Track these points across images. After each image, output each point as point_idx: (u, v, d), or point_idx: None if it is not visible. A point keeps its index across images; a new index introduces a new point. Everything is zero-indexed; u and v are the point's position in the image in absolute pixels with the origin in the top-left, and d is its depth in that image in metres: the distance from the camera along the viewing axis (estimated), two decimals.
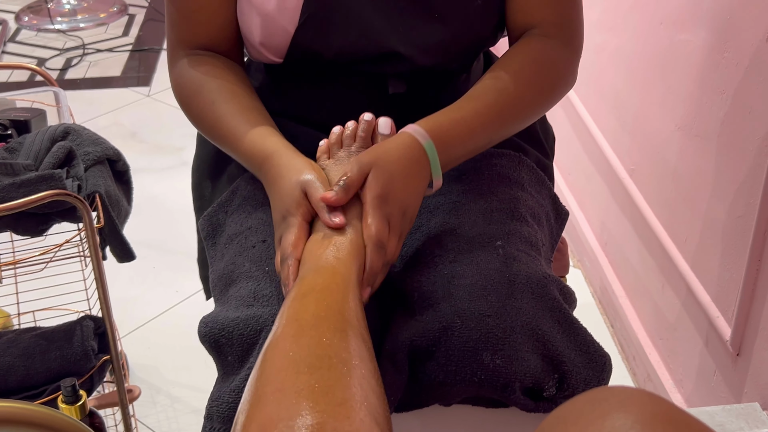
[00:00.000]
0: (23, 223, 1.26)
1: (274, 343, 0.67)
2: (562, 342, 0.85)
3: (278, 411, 0.58)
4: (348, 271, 0.76)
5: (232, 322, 0.84)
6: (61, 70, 3.24)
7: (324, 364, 0.63)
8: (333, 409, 0.58)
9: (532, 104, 0.97)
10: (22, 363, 1.30)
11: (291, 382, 0.61)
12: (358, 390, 0.62)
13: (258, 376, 0.64)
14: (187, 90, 1.00)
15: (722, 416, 1.20)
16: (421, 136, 0.88)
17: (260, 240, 0.92)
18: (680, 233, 1.52)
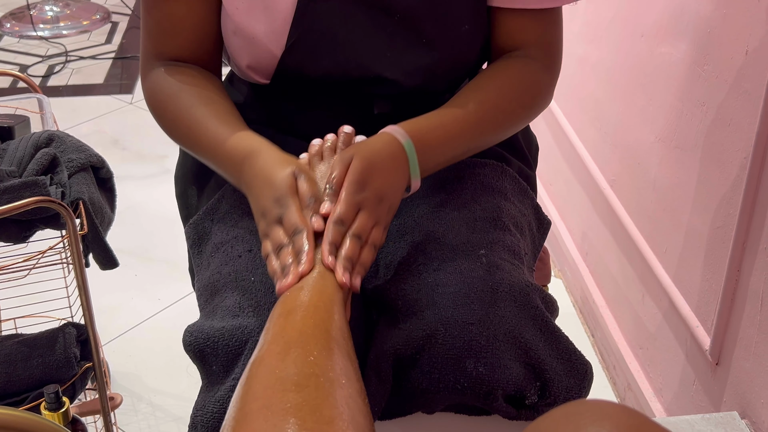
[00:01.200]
0: (6, 230, 1.26)
1: (259, 360, 0.67)
2: (544, 350, 0.86)
3: (264, 428, 0.58)
4: (334, 288, 0.76)
5: (217, 332, 0.84)
6: (44, 77, 3.22)
7: (311, 382, 0.63)
8: (320, 427, 0.58)
9: (511, 119, 0.98)
10: (3, 370, 1.30)
11: (278, 399, 0.61)
12: (345, 409, 0.62)
13: (244, 393, 0.64)
14: (163, 95, 0.98)
15: (701, 425, 1.22)
16: (401, 135, 0.88)
17: (246, 250, 0.92)
18: (660, 244, 1.54)
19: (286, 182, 0.83)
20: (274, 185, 0.83)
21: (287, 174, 0.84)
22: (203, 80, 0.99)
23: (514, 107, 0.98)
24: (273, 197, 0.83)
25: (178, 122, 0.96)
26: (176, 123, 0.97)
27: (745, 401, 1.26)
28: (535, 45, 1.00)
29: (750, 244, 1.22)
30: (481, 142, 0.97)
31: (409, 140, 0.88)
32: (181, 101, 0.96)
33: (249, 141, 0.90)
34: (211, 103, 0.96)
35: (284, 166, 0.85)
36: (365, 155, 0.85)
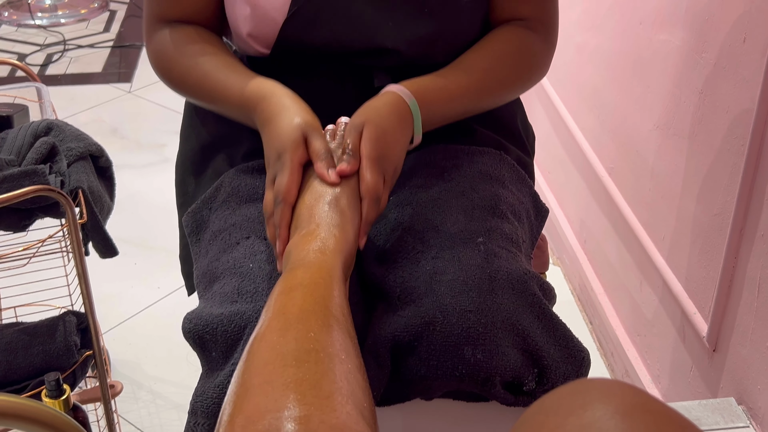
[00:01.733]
0: (6, 219, 1.26)
1: (260, 336, 0.67)
2: (541, 337, 0.87)
3: (265, 403, 0.58)
4: (334, 265, 0.77)
5: (216, 318, 0.85)
6: (42, 65, 3.22)
7: (311, 357, 0.63)
8: (320, 401, 0.59)
9: (510, 86, 1.04)
10: (4, 358, 1.30)
11: (278, 374, 0.61)
12: (344, 384, 0.62)
13: (245, 369, 0.64)
14: (170, 53, 1.02)
15: (698, 411, 1.22)
16: (406, 95, 0.93)
17: (244, 237, 0.93)
18: (658, 231, 1.54)
19: (291, 136, 0.86)
20: (281, 135, 0.87)
21: (294, 126, 0.87)
22: (208, 37, 1.03)
23: (513, 74, 1.02)
24: (276, 149, 0.87)
25: (188, 75, 1.00)
26: (185, 77, 1.00)
27: (742, 387, 1.26)
28: (533, 18, 1.04)
29: (747, 230, 1.22)
30: (479, 105, 1.02)
31: (414, 100, 0.93)
32: (189, 56, 1.00)
33: (264, 85, 0.94)
34: (218, 54, 1.00)
35: (294, 114, 0.88)
36: (377, 122, 0.88)
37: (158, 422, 1.70)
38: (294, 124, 0.87)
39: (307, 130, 0.87)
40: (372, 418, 0.63)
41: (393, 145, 0.89)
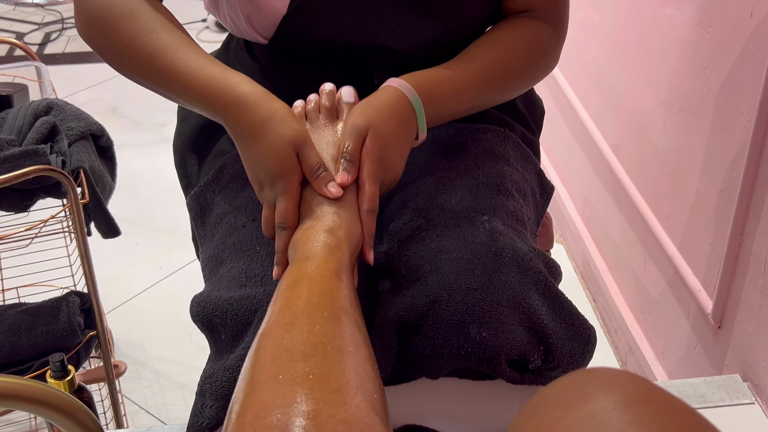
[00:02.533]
0: (7, 199, 1.26)
1: (267, 332, 0.67)
2: (547, 315, 0.86)
3: (273, 398, 0.58)
4: (340, 256, 0.76)
5: (225, 302, 0.84)
6: (40, 44, 3.20)
7: (318, 351, 0.63)
8: (328, 395, 0.58)
9: (518, 78, 0.99)
10: (8, 339, 1.30)
11: (285, 369, 0.61)
12: (353, 376, 0.62)
13: (252, 365, 0.64)
14: (113, 15, 0.87)
15: (703, 388, 1.22)
16: (408, 91, 0.88)
17: (250, 219, 0.92)
18: (663, 208, 1.53)
19: (285, 159, 0.81)
20: (273, 158, 0.81)
21: (285, 145, 0.81)
22: (159, 5, 0.91)
23: (522, 66, 0.98)
24: (270, 173, 0.82)
25: (136, 47, 0.86)
26: (133, 48, 0.86)
27: (747, 364, 1.26)
28: (543, 8, 1.00)
29: (753, 207, 1.22)
30: (487, 99, 0.97)
31: (416, 95, 0.88)
32: (139, 24, 0.86)
33: (232, 80, 0.84)
34: (176, 29, 0.88)
35: (283, 129, 0.81)
36: (380, 129, 0.84)
37: (162, 401, 1.71)
38: (285, 139, 0.81)
39: (299, 143, 0.82)
40: (383, 409, 0.63)
41: (394, 151, 0.85)
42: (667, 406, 0.45)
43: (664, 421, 0.44)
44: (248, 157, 0.84)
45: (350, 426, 0.56)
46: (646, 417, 0.44)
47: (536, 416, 0.48)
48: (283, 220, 0.81)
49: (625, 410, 0.45)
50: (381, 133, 0.85)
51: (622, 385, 0.47)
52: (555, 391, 0.49)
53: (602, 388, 0.47)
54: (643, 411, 0.44)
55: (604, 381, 0.47)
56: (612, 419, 0.44)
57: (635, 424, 0.44)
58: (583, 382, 0.48)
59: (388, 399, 0.88)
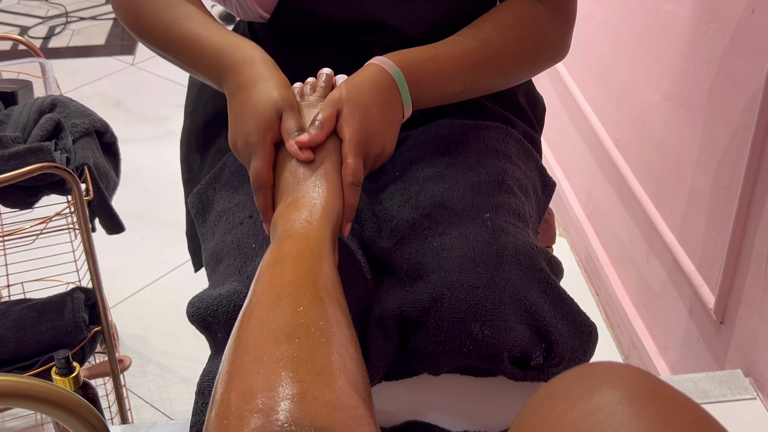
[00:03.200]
0: (12, 196, 1.26)
1: (249, 312, 0.66)
2: (549, 312, 0.87)
3: (257, 381, 0.58)
4: (322, 235, 0.75)
5: (215, 300, 0.85)
6: (44, 38, 3.20)
7: (302, 333, 0.63)
8: (312, 378, 0.58)
9: (514, 61, 0.96)
10: (13, 335, 1.31)
11: (269, 351, 0.61)
12: (336, 358, 0.62)
13: (235, 346, 0.63)
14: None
15: (705, 383, 1.23)
16: (388, 66, 0.87)
17: (247, 216, 0.92)
18: (665, 203, 1.54)
19: (263, 116, 0.82)
20: (254, 113, 0.82)
21: (270, 103, 0.82)
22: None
23: (517, 50, 0.95)
24: (248, 125, 0.82)
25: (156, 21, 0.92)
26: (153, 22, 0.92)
27: (749, 359, 1.27)
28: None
29: (755, 203, 1.22)
30: (480, 82, 0.95)
31: (397, 69, 0.87)
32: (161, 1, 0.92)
33: (239, 45, 0.87)
34: (193, 4, 0.93)
35: (272, 88, 0.83)
36: (358, 101, 0.84)
37: (167, 396, 1.72)
38: (270, 100, 0.82)
39: (282, 106, 0.83)
40: (365, 390, 0.63)
41: (378, 125, 0.84)
42: (672, 400, 0.46)
43: (670, 415, 0.44)
44: (233, 112, 0.85)
45: (334, 408, 0.57)
46: (651, 411, 0.44)
47: (542, 409, 0.48)
48: (256, 179, 0.81)
49: (631, 404, 0.45)
50: (358, 104, 0.84)
51: (628, 380, 0.47)
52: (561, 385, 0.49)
53: (608, 382, 0.47)
54: (648, 405, 0.45)
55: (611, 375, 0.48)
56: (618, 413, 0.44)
57: (641, 419, 0.44)
58: (589, 375, 0.48)
59: (390, 395, 0.89)
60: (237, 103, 0.85)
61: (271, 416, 0.55)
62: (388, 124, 0.86)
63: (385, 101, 0.86)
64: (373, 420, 0.60)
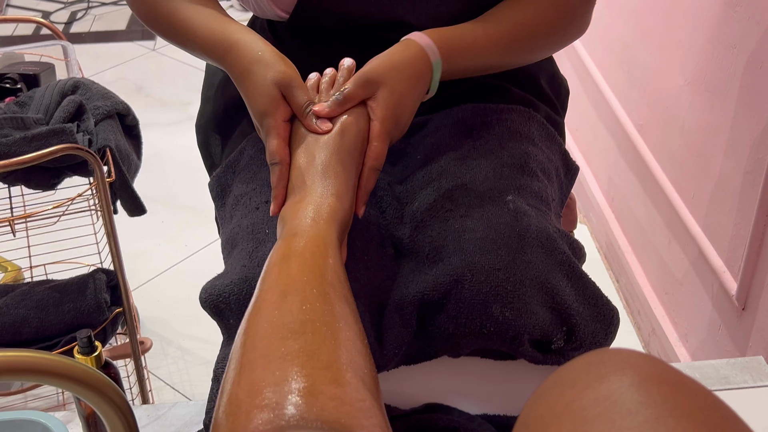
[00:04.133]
0: (35, 177, 1.27)
1: (256, 310, 0.67)
2: (570, 296, 0.86)
3: (264, 376, 0.58)
4: (328, 231, 0.75)
5: (227, 287, 0.85)
6: (66, 23, 3.22)
7: (308, 328, 0.63)
8: (319, 372, 0.59)
9: (543, 42, 0.98)
10: (36, 315, 1.32)
11: (276, 347, 0.61)
12: (343, 352, 0.62)
13: (242, 343, 0.64)
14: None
15: (727, 369, 1.22)
16: (432, 54, 0.88)
17: (263, 201, 0.92)
18: (688, 189, 1.52)
19: (268, 96, 0.83)
20: (257, 97, 0.84)
21: (268, 84, 0.83)
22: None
23: (548, 31, 0.96)
24: (257, 113, 0.84)
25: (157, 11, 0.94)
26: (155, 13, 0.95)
27: None
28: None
29: None
30: (507, 61, 0.96)
31: (439, 60, 0.88)
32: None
33: (227, 30, 0.89)
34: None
35: (265, 70, 0.84)
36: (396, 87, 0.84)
37: (187, 378, 1.73)
38: (269, 80, 0.83)
39: (284, 84, 0.83)
40: (374, 384, 0.63)
41: (406, 111, 0.86)
42: (681, 386, 0.45)
43: (678, 401, 0.44)
44: (244, 99, 0.87)
45: (341, 402, 0.57)
46: (659, 397, 0.44)
47: (550, 397, 0.48)
48: (272, 157, 0.82)
49: (639, 391, 0.45)
50: (395, 90, 0.84)
51: (636, 366, 0.47)
52: (569, 372, 0.49)
53: (616, 369, 0.47)
54: (657, 391, 0.44)
55: (618, 362, 0.47)
56: (626, 400, 0.44)
57: (649, 405, 0.44)
58: (597, 363, 0.48)
59: (409, 377, 0.89)
60: (243, 90, 0.86)
61: (278, 411, 0.55)
62: (411, 109, 0.87)
63: (417, 89, 0.87)
64: (382, 413, 0.60)
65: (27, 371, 0.66)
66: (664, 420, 0.42)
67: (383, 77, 0.85)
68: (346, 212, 0.79)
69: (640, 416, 0.43)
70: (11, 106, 1.34)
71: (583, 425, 0.44)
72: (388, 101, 0.84)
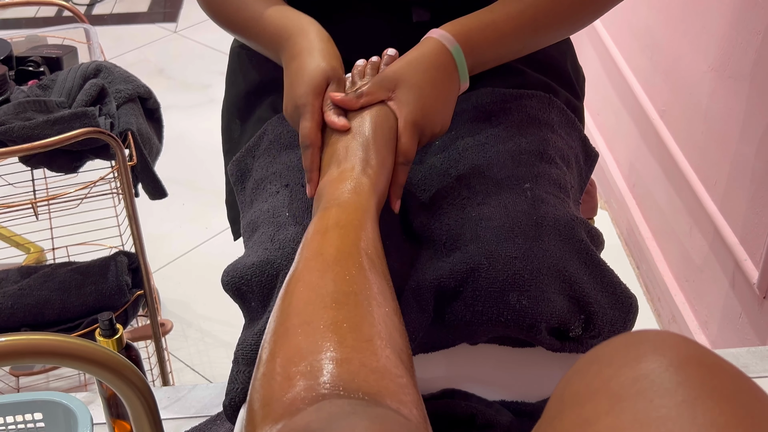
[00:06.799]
0: (57, 160, 1.28)
1: (298, 276, 0.67)
2: (588, 283, 0.86)
3: (306, 344, 0.58)
4: (368, 206, 0.76)
5: (249, 269, 0.85)
6: (88, 5, 3.23)
7: (350, 300, 0.63)
8: (360, 345, 0.59)
9: (569, 18, 0.94)
10: (58, 297, 1.34)
11: (318, 315, 0.61)
12: (383, 327, 0.62)
13: (283, 308, 0.64)
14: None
15: (747, 358, 1.21)
16: (448, 41, 0.87)
17: (283, 185, 0.93)
18: (710, 175, 1.51)
19: (312, 81, 0.84)
20: (304, 78, 0.85)
21: (319, 70, 0.84)
22: None
23: (573, 6, 0.93)
24: (298, 90, 0.85)
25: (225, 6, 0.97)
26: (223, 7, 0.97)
27: None
28: None
29: None
30: (536, 40, 0.94)
31: (456, 45, 0.87)
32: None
33: (295, 20, 0.90)
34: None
35: (322, 58, 0.85)
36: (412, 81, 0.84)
37: (207, 360, 1.74)
38: (320, 68, 0.85)
39: (332, 76, 0.85)
40: (409, 361, 0.63)
41: (433, 104, 0.85)
42: (719, 368, 0.46)
43: (715, 383, 0.44)
44: (287, 80, 0.88)
45: (381, 376, 0.57)
46: (697, 379, 0.44)
47: (588, 373, 0.48)
48: (305, 138, 0.83)
49: (677, 372, 0.45)
50: (412, 84, 0.84)
51: (674, 347, 0.47)
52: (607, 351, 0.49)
53: (655, 349, 0.47)
54: (694, 373, 0.45)
55: (657, 342, 0.47)
56: (663, 380, 0.44)
57: (686, 386, 0.44)
58: (635, 343, 0.48)
59: (427, 364, 0.89)
60: (290, 70, 0.87)
61: (319, 378, 0.55)
62: (443, 101, 0.86)
63: (441, 80, 0.86)
64: (416, 390, 0.61)
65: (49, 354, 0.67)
66: (702, 401, 0.43)
67: (399, 74, 0.85)
68: (384, 187, 0.80)
69: (678, 396, 0.43)
70: (34, 89, 1.35)
71: (620, 402, 0.44)
72: (408, 96, 0.84)
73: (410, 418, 0.56)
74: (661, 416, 0.42)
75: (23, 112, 1.25)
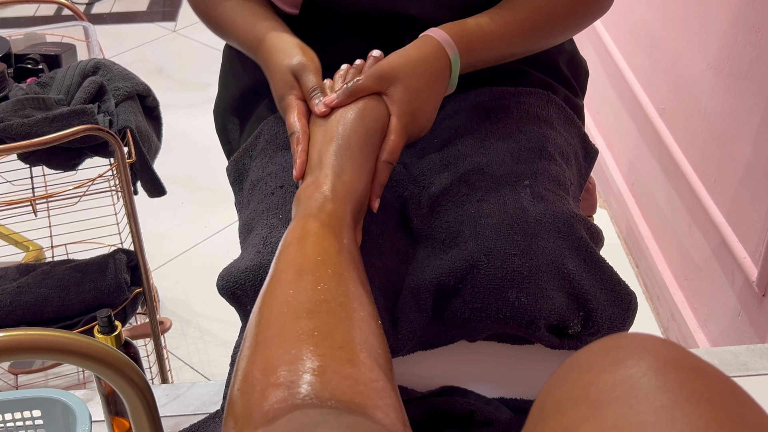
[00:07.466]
0: (56, 158, 1.28)
1: (271, 290, 0.67)
2: (587, 280, 0.86)
3: (279, 355, 0.59)
4: (343, 213, 0.76)
5: (242, 273, 0.85)
6: (87, 4, 3.23)
7: (323, 308, 0.63)
8: (333, 352, 0.59)
9: (563, 26, 0.96)
10: (57, 294, 1.33)
11: (290, 327, 0.62)
12: (357, 333, 0.63)
13: (257, 322, 0.64)
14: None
15: (746, 356, 1.21)
16: (450, 48, 0.87)
17: (278, 186, 0.92)
18: (709, 173, 1.51)
19: (284, 81, 0.88)
20: (276, 83, 0.89)
21: (285, 70, 0.88)
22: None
23: (567, 13, 0.95)
24: (277, 96, 0.89)
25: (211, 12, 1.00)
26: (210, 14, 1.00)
27: None
28: None
29: None
30: (527, 47, 0.95)
31: (457, 54, 0.87)
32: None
33: (258, 28, 0.94)
34: None
35: (283, 57, 0.89)
36: (410, 83, 0.84)
37: (206, 358, 1.74)
38: (284, 66, 0.88)
39: (297, 69, 0.87)
40: (387, 365, 0.63)
41: (424, 108, 0.85)
42: (699, 371, 0.45)
43: (695, 386, 0.44)
44: (268, 77, 0.92)
45: (355, 382, 0.57)
46: (677, 383, 0.44)
47: (567, 380, 0.48)
48: (290, 126, 0.85)
49: (657, 376, 0.45)
50: (410, 86, 0.84)
51: (654, 351, 0.46)
52: (586, 356, 0.49)
53: (634, 353, 0.46)
54: (674, 377, 0.44)
55: (636, 346, 0.47)
56: (643, 384, 0.44)
57: (666, 390, 0.44)
58: (615, 347, 0.48)
59: (426, 361, 0.89)
60: (269, 78, 0.91)
61: (293, 389, 0.55)
62: (433, 104, 0.87)
63: (435, 84, 0.86)
64: (395, 393, 0.61)
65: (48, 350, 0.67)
66: (681, 405, 0.42)
67: (397, 72, 0.85)
68: (360, 193, 0.80)
69: (657, 401, 0.43)
70: (33, 86, 1.34)
71: (600, 409, 0.44)
72: (403, 97, 0.84)
73: (386, 422, 0.56)
74: (641, 422, 0.42)
75: (22, 109, 1.25)
